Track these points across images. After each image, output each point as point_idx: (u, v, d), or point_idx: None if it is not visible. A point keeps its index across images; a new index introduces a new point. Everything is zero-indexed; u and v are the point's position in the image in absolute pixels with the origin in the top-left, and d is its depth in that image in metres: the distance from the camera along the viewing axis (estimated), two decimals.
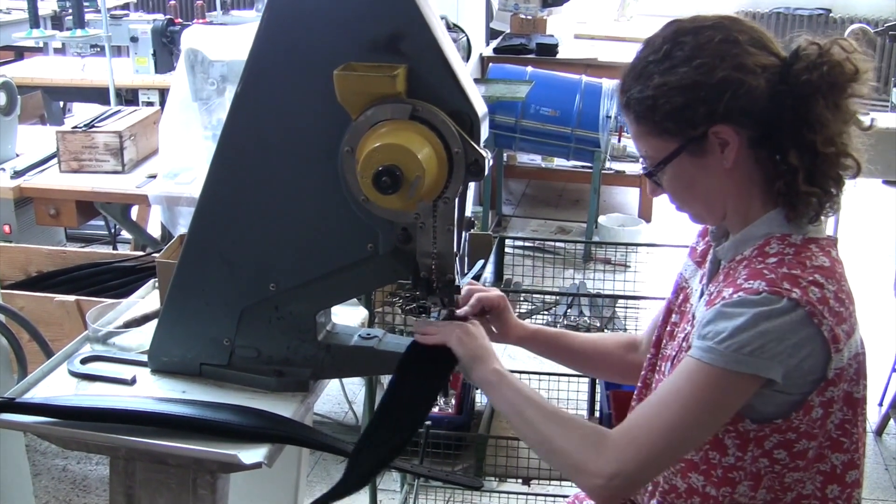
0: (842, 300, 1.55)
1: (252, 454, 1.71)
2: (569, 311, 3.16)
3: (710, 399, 1.53)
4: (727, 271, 1.65)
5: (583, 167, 6.43)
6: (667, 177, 1.65)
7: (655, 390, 1.61)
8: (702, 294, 1.74)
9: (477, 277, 3.09)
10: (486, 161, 1.66)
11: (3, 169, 4.01)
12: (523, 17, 7.31)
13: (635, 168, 6.61)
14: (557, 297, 3.26)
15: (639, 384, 1.91)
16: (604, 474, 1.53)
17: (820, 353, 1.52)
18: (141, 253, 3.86)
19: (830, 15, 10.07)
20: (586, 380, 3.35)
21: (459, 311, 1.90)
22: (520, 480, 3.03)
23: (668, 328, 1.84)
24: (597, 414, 3.11)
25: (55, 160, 4.03)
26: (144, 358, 1.98)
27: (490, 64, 6.50)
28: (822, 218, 1.64)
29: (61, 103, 6.66)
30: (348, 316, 2.21)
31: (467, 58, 5.97)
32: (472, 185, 1.74)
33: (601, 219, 5.98)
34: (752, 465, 1.61)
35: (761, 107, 1.57)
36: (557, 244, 5.55)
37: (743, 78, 1.55)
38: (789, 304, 1.49)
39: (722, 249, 1.70)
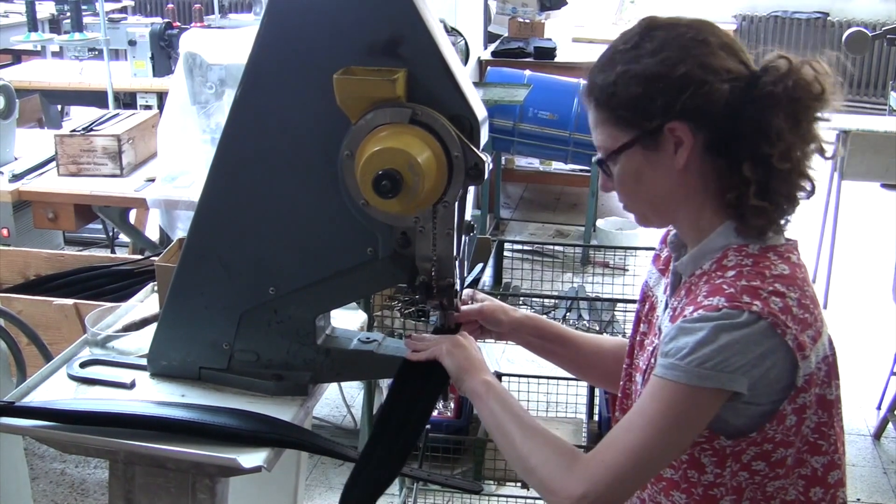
0: (805, 306, 1.52)
1: (251, 458, 1.71)
2: (567, 314, 3.16)
3: (675, 416, 1.51)
4: (688, 287, 1.62)
5: (581, 171, 6.43)
6: (617, 168, 1.63)
7: (630, 414, 1.58)
8: (666, 306, 1.72)
9: (476, 281, 3.10)
10: (486, 165, 1.66)
11: (2, 172, 4.02)
12: (521, 20, 7.31)
13: None
14: (556, 301, 3.26)
15: (619, 394, 1.90)
16: (573, 495, 1.52)
17: (785, 361, 1.50)
18: (139, 256, 3.86)
19: (828, 18, 10.08)
20: (584, 383, 3.35)
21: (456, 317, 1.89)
22: (518, 484, 3.03)
23: (639, 338, 1.82)
24: (596, 417, 3.11)
25: (53, 164, 4.03)
26: (143, 362, 1.98)
27: (488, 67, 6.51)
28: (770, 234, 1.60)
29: (59, 107, 6.67)
30: (347, 320, 2.21)
31: (465, 61, 5.97)
32: (471, 189, 1.73)
33: (599, 222, 5.98)
34: (731, 480, 1.60)
35: (721, 111, 1.54)
36: (556, 248, 5.55)
37: (705, 78, 1.53)
38: (750, 316, 1.47)
39: (681, 264, 1.67)
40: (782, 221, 1.61)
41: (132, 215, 4.48)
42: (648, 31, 1.60)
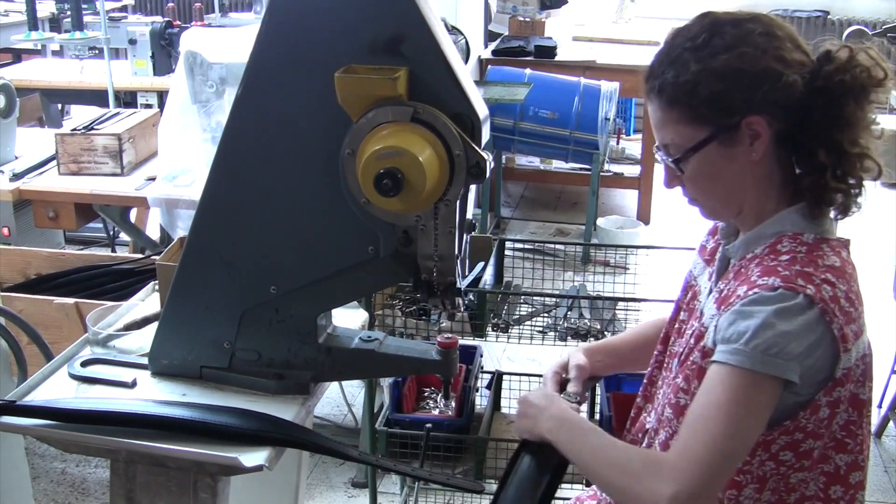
0: (851, 300, 1.56)
1: (253, 457, 1.71)
2: (568, 313, 3.15)
3: (747, 402, 1.52)
4: (738, 269, 1.66)
5: (581, 169, 6.42)
6: (691, 166, 1.64)
7: (693, 405, 1.58)
8: (710, 291, 1.74)
9: (477, 280, 3.10)
10: (488, 163, 1.66)
11: (2, 171, 4.01)
12: (522, 19, 7.30)
13: (634, 170, 6.61)
14: (557, 300, 3.25)
15: (644, 381, 1.91)
16: (664, 496, 1.50)
17: (829, 351, 1.54)
18: (140, 255, 3.86)
19: (829, 17, 10.07)
20: None
21: (570, 388, 1.95)
22: None
23: (677, 325, 1.85)
24: (597, 416, 3.11)
25: (54, 162, 4.03)
26: (145, 361, 1.98)
27: (488, 66, 6.50)
28: (838, 218, 1.66)
29: (60, 106, 6.66)
30: (349, 318, 2.21)
31: (466, 60, 5.97)
32: (472, 187, 1.73)
33: (600, 221, 5.98)
34: (758, 469, 1.62)
35: (795, 102, 1.58)
36: (557, 246, 5.55)
37: (783, 71, 1.57)
38: (805, 301, 1.50)
39: (732, 248, 1.71)
40: (852, 204, 1.66)
41: (133, 214, 4.48)
42: (715, 28, 1.61)
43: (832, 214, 1.67)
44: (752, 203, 1.67)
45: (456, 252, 1.74)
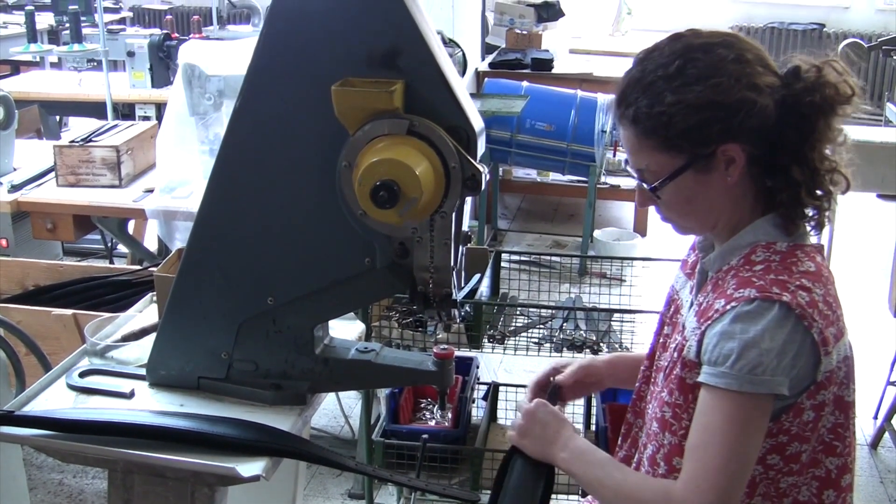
0: (829, 303, 1.58)
1: (250, 467, 1.71)
2: (564, 324, 3.17)
3: (742, 423, 1.54)
4: (715, 282, 1.67)
5: (578, 181, 6.44)
6: (667, 192, 1.65)
7: (691, 433, 1.60)
8: (691, 305, 1.76)
9: (473, 292, 3.11)
10: (483, 176, 1.67)
11: (1, 183, 4.02)
12: (518, 31, 7.33)
13: (630, 182, 6.58)
14: (553, 311, 3.27)
15: (633, 396, 1.92)
16: None
17: (811, 356, 1.55)
18: (137, 267, 3.86)
19: (824, 30, 10.11)
20: None
21: (560, 377, 2.01)
22: None
23: (661, 340, 1.86)
24: (593, 427, 3.11)
25: (52, 174, 4.04)
26: (143, 371, 1.99)
27: (486, 79, 6.52)
28: (812, 233, 1.68)
29: (58, 117, 6.66)
30: (345, 330, 2.22)
31: (463, 73, 5.99)
32: (468, 199, 1.75)
33: (596, 233, 5.99)
34: None
35: (769, 126, 1.60)
36: (553, 258, 5.55)
37: (756, 98, 1.58)
38: (782, 309, 1.52)
39: (709, 260, 1.73)
40: (825, 216, 1.69)
41: (131, 226, 4.48)
42: (687, 54, 1.61)
43: (807, 227, 1.69)
44: (727, 218, 1.68)
45: (452, 264, 1.75)
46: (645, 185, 1.68)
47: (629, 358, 2.09)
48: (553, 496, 2.95)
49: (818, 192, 1.65)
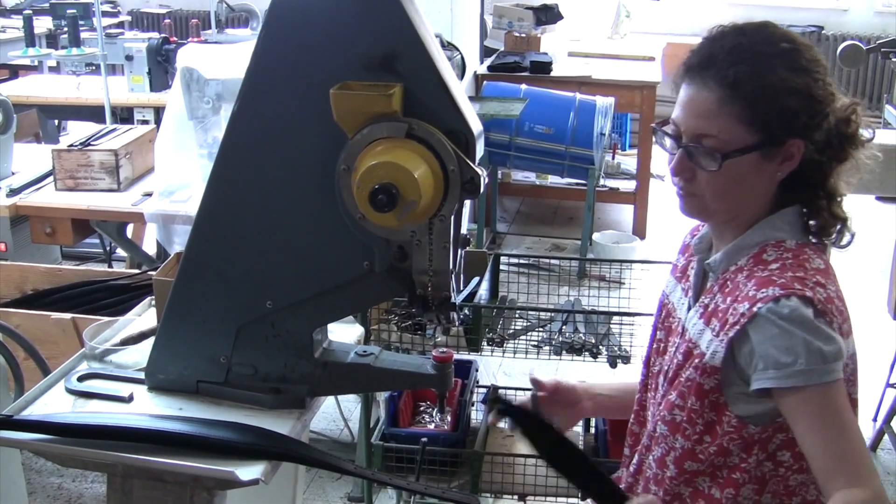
0: (842, 299, 1.62)
1: (249, 471, 1.71)
2: (564, 327, 3.16)
3: (841, 405, 1.57)
4: (722, 283, 1.67)
5: (577, 184, 6.44)
6: (727, 165, 1.63)
7: (808, 439, 1.58)
8: (689, 307, 1.75)
9: (472, 295, 3.11)
10: (482, 179, 1.67)
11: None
12: (517, 34, 7.33)
13: (629, 185, 6.63)
14: (552, 315, 3.26)
15: (636, 407, 1.92)
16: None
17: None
18: (136, 271, 3.86)
19: (822, 32, 10.11)
20: None
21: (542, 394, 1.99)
22: (515, 497, 3.03)
23: (656, 346, 1.86)
24: (592, 430, 3.11)
25: (51, 178, 4.04)
26: (141, 375, 1.99)
27: (484, 82, 6.52)
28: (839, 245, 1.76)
29: (56, 121, 6.67)
30: (344, 333, 2.21)
31: (462, 76, 5.99)
32: (467, 202, 1.75)
33: (595, 236, 5.99)
34: (756, 469, 1.64)
35: (828, 136, 1.64)
36: (552, 261, 5.56)
37: (831, 105, 1.63)
38: (810, 304, 1.55)
39: (714, 262, 1.73)
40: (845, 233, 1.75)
41: (129, 230, 4.49)
42: (794, 45, 1.64)
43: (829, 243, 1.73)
44: (750, 212, 1.70)
45: (450, 267, 1.75)
46: (701, 151, 1.64)
47: (609, 386, 2.10)
48: (553, 498, 2.96)
49: (843, 210, 1.71)
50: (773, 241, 1.66)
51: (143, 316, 2.37)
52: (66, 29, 5.76)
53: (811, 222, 1.70)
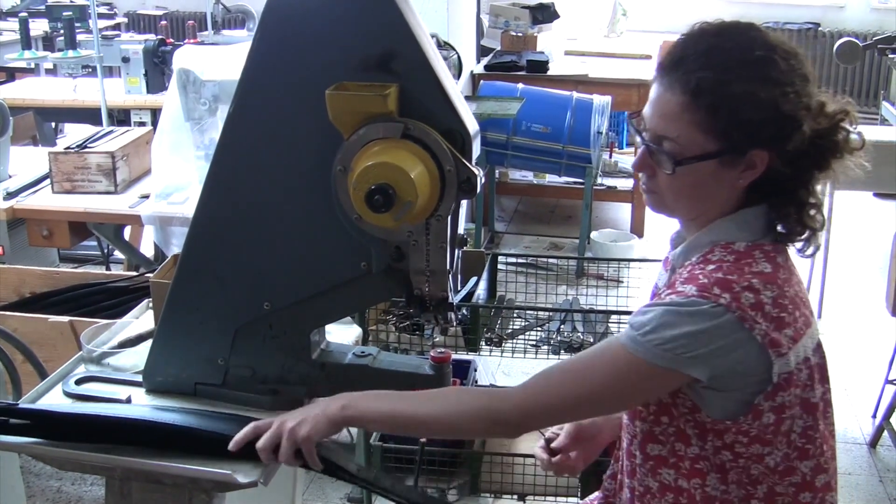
0: (783, 305, 1.56)
1: (248, 473, 1.71)
2: (562, 327, 3.16)
3: (620, 382, 1.60)
4: (675, 279, 1.67)
5: (574, 183, 6.44)
6: (684, 170, 1.62)
7: (576, 357, 1.70)
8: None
9: (470, 294, 3.11)
10: (478, 179, 1.67)
11: None
12: (514, 34, 7.33)
13: (627, 184, 6.62)
14: (550, 314, 3.26)
15: None
16: (513, 413, 1.64)
17: (755, 356, 1.55)
18: (134, 273, 3.86)
19: (819, 29, 10.11)
20: None
21: (556, 444, 1.98)
22: (515, 496, 3.03)
23: None
24: None
25: (48, 181, 4.03)
26: (139, 378, 1.99)
27: (481, 81, 6.51)
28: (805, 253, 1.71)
29: (53, 124, 6.66)
30: (342, 334, 2.21)
31: (458, 75, 5.99)
32: (464, 202, 1.74)
33: (593, 234, 5.99)
34: (715, 457, 1.64)
35: (800, 148, 1.60)
36: (550, 260, 5.56)
37: (804, 120, 1.58)
38: (717, 308, 1.53)
39: (673, 256, 1.74)
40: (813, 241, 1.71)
41: (127, 232, 4.48)
42: (769, 53, 1.59)
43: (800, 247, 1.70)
44: (711, 213, 1.68)
45: (448, 267, 1.75)
46: (659, 152, 1.64)
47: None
48: (552, 497, 2.96)
49: (816, 219, 1.68)
50: (722, 243, 1.64)
51: (141, 318, 2.37)
52: (62, 31, 5.75)
53: (778, 225, 1.68)
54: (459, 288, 2.01)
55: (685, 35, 1.68)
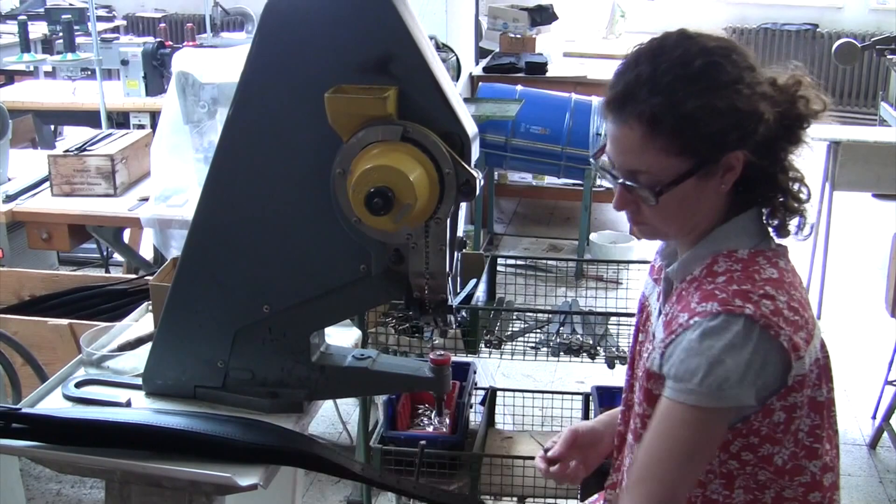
0: (795, 309, 1.56)
1: (248, 476, 1.71)
2: (561, 328, 3.16)
3: (705, 433, 1.57)
4: (679, 293, 1.66)
5: (573, 185, 6.44)
6: (665, 196, 1.60)
7: (648, 437, 1.63)
8: (659, 313, 1.75)
9: (469, 297, 3.11)
10: (477, 181, 1.67)
11: None
12: (512, 35, 7.33)
13: None
14: (550, 315, 3.26)
15: (622, 406, 1.91)
16: None
17: (780, 363, 1.55)
18: (133, 276, 3.86)
19: (818, 30, 10.13)
20: (580, 397, 3.36)
21: (552, 453, 1.96)
22: (515, 499, 3.03)
23: (638, 348, 1.85)
24: None
25: (47, 184, 4.04)
26: (139, 381, 1.98)
27: (480, 83, 6.52)
28: (796, 235, 1.70)
29: (52, 127, 6.66)
30: (342, 337, 2.21)
31: (457, 77, 5.99)
32: (463, 204, 1.74)
33: (592, 236, 5.99)
34: (720, 468, 1.64)
35: (770, 135, 1.59)
36: (549, 262, 5.55)
37: (765, 108, 1.57)
38: (746, 322, 1.51)
39: (672, 271, 1.71)
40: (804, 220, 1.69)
41: (126, 235, 4.48)
42: (708, 58, 1.57)
43: (771, 232, 1.69)
44: (703, 225, 1.67)
45: (447, 269, 1.75)
46: (637, 188, 1.62)
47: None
48: (552, 499, 2.96)
49: (802, 198, 1.67)
50: (724, 252, 1.63)
51: (141, 321, 2.37)
52: (61, 34, 5.76)
53: (773, 222, 1.67)
54: (459, 290, 2.01)
55: (622, 65, 1.67)
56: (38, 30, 7.45)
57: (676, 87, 1.56)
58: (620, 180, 1.65)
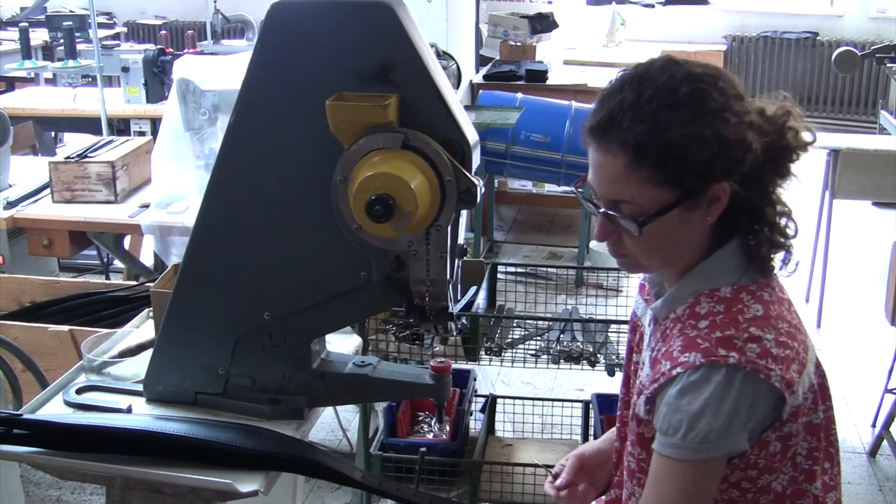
0: (783, 343, 1.52)
1: (248, 482, 1.71)
2: (561, 336, 3.16)
3: (697, 485, 1.54)
4: (664, 331, 1.63)
5: (574, 192, 6.44)
6: (648, 227, 1.56)
7: (645, 496, 1.61)
8: (648, 341, 1.72)
9: (470, 304, 3.11)
10: (478, 189, 1.67)
11: None
12: (513, 43, 7.34)
13: None
14: (550, 323, 3.27)
15: (617, 424, 1.90)
16: None
17: (772, 401, 1.52)
18: (134, 282, 3.86)
19: (817, 38, 10.14)
20: (580, 405, 3.36)
21: (560, 482, 1.95)
22: None
23: (633, 367, 1.82)
24: (591, 438, 3.11)
25: (48, 190, 4.05)
26: (140, 387, 1.99)
27: (480, 91, 6.53)
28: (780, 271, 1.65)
29: (53, 133, 6.68)
30: (342, 344, 2.21)
31: (457, 85, 6.00)
32: (464, 212, 1.75)
33: (592, 244, 5.98)
34: (721, 496, 1.61)
35: (757, 166, 1.55)
36: (549, 270, 5.56)
37: (752, 139, 1.53)
38: (729, 371, 1.48)
39: (655, 308, 1.67)
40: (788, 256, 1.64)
41: (127, 241, 4.48)
42: (696, 85, 1.52)
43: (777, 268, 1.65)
44: (687, 257, 1.63)
45: (448, 277, 1.75)
46: (619, 218, 1.58)
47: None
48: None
49: (788, 232, 1.63)
50: (706, 291, 1.59)
51: (141, 328, 2.37)
52: (62, 41, 5.78)
53: (757, 255, 1.62)
54: (459, 297, 2.01)
55: (606, 90, 1.62)
56: (39, 36, 7.47)
57: (661, 114, 1.51)
58: (602, 210, 1.60)
